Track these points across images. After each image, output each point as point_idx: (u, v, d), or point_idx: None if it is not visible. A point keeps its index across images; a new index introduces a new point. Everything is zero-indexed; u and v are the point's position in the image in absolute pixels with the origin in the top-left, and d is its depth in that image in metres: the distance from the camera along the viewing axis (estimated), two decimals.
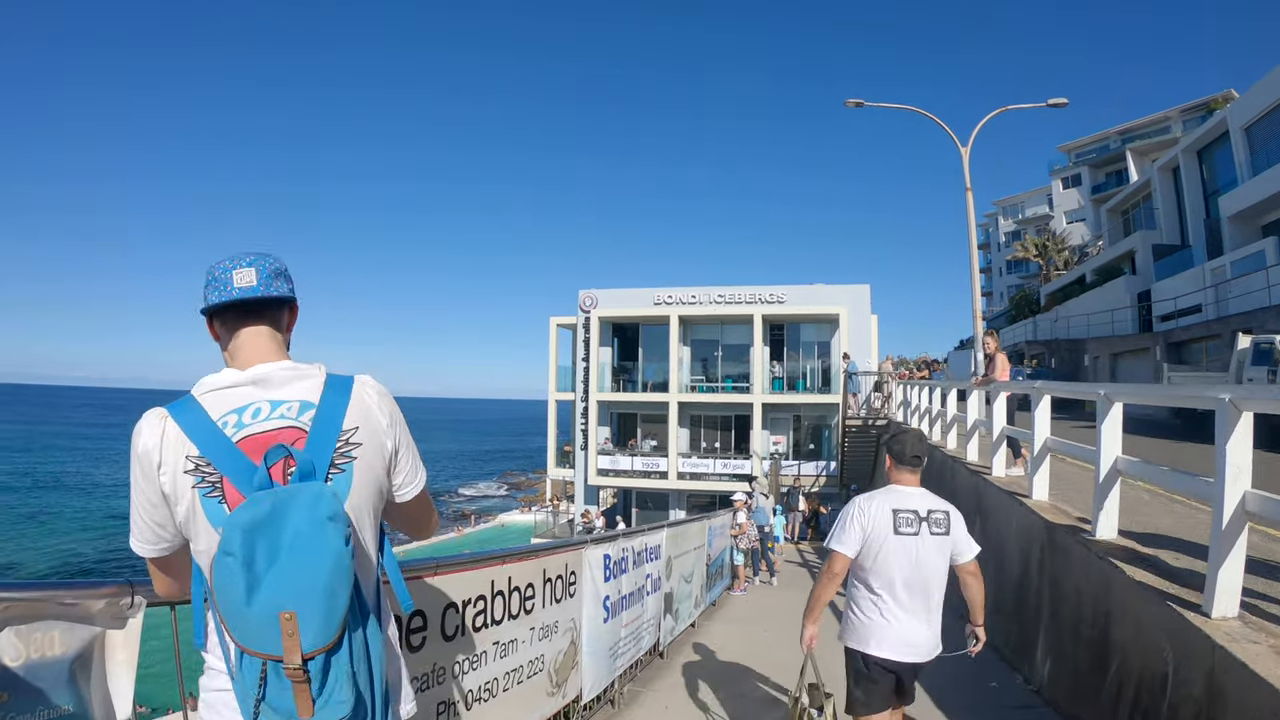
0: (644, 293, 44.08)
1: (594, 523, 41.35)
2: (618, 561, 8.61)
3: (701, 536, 14.42)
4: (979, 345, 24.21)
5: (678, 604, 11.79)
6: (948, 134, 25.30)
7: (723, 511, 18.44)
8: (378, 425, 2.46)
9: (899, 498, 5.21)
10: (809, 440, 42.96)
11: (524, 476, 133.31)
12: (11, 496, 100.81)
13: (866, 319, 41.42)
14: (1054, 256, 68.51)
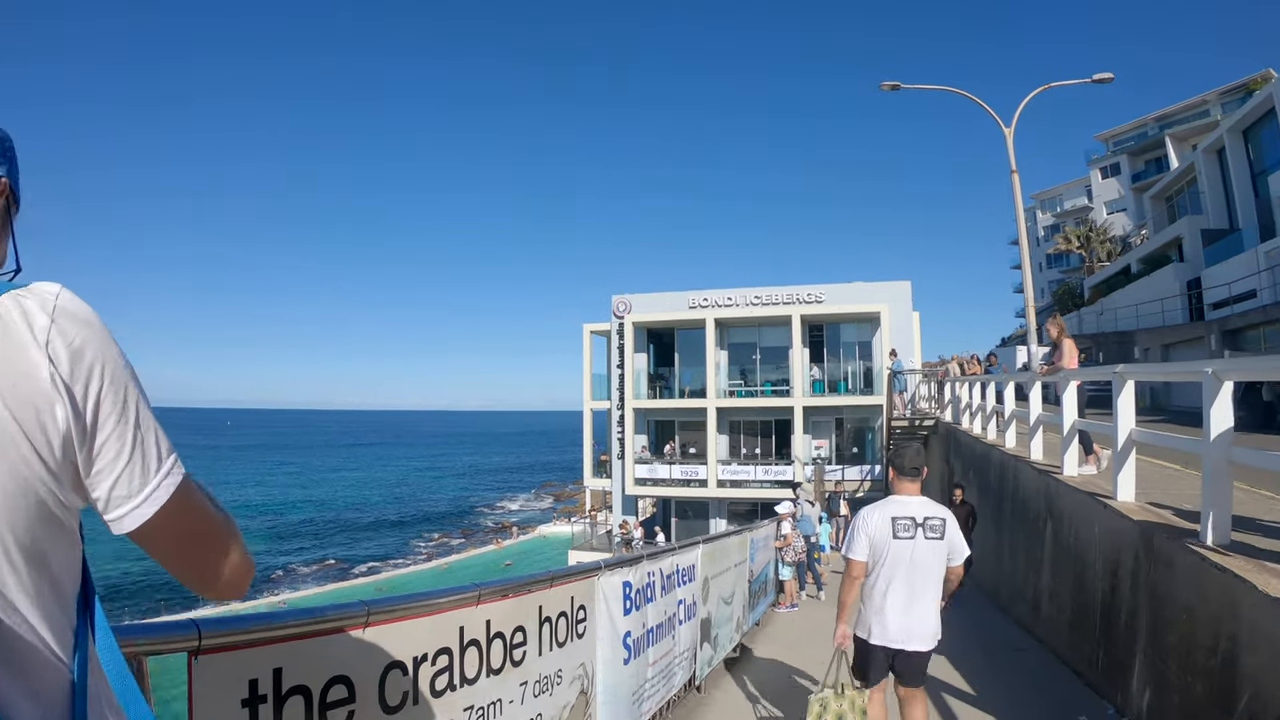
0: (679, 296, 43.03)
1: (632, 533, 40.36)
2: (641, 589, 7.25)
3: (742, 551, 12.87)
4: (1033, 335, 22.91)
5: (716, 630, 10.34)
6: (988, 116, 24.15)
7: (765, 522, 17.02)
8: (25, 371, 1.26)
9: (898, 506, 6.26)
10: (852, 444, 41.65)
11: (564, 488, 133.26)
12: None
13: (908, 316, 40.14)
14: (1096, 248, 67.00)
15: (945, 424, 26.44)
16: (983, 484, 17.29)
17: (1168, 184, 53.09)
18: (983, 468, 17.50)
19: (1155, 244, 49.62)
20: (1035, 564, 12.33)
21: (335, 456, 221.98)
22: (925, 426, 30.11)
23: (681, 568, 8.71)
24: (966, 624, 13.09)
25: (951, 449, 23.46)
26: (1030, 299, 23.70)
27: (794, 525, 17.02)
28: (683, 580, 8.74)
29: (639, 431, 43.50)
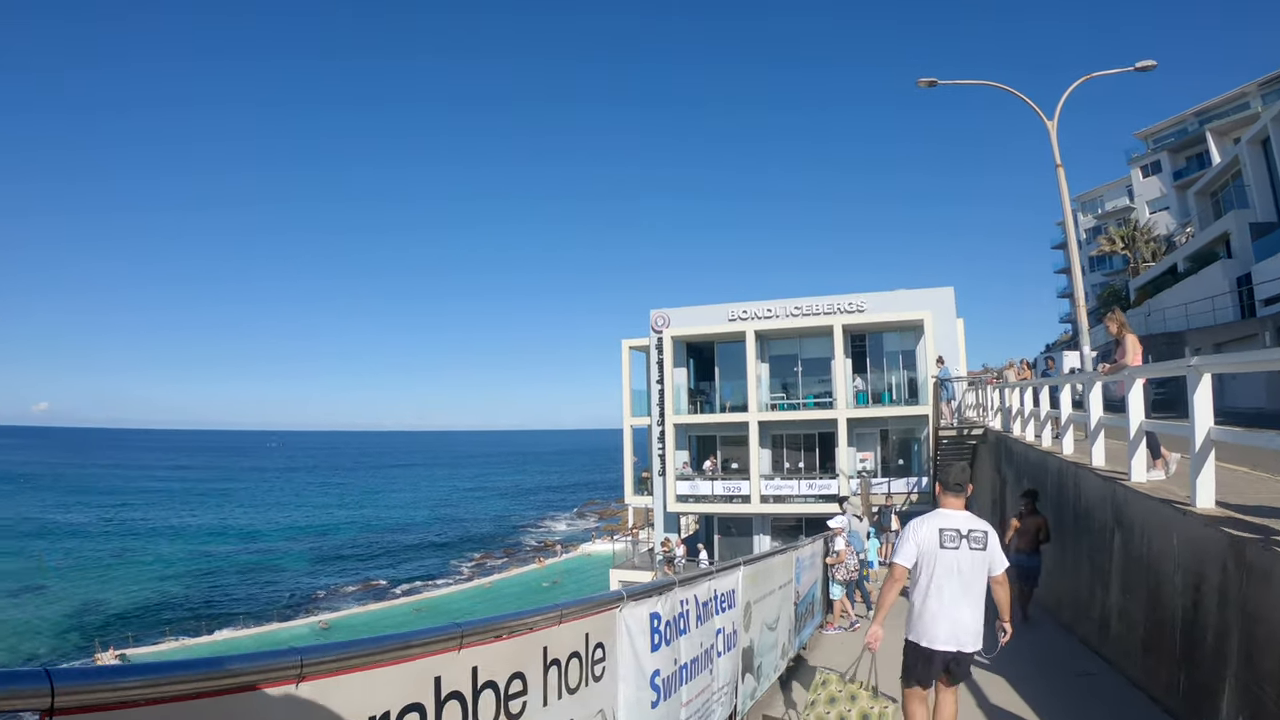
0: (718, 309, 42.32)
1: (674, 551, 39.72)
2: (672, 621, 6.37)
3: (788, 571, 11.85)
4: (1084, 335, 22.07)
5: (759, 658, 9.42)
6: (1028, 114, 23.39)
7: (808, 540, 15.99)
8: None
9: (944, 519, 6.86)
10: (897, 455, 40.69)
11: (606, 505, 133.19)
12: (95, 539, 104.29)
13: (952, 324, 39.15)
14: (1140, 249, 65.70)
15: (995, 432, 25.49)
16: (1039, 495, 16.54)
17: (1211, 179, 52.06)
18: (1038, 476, 16.65)
19: (1201, 241, 48.43)
20: (1101, 578, 11.47)
21: (378, 477, 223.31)
22: (974, 435, 29.15)
23: (720, 593, 7.81)
24: (1027, 645, 12.24)
25: (1003, 458, 22.54)
26: (1080, 298, 22.93)
27: (848, 541, 16.20)
28: (722, 607, 7.84)
29: (680, 447, 42.89)
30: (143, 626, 62.84)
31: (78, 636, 60.32)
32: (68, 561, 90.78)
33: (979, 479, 27.51)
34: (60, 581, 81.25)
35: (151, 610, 70.47)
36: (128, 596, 75.73)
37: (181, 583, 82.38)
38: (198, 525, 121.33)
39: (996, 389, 26.53)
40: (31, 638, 61.59)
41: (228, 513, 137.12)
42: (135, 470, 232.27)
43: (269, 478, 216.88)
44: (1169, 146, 69.58)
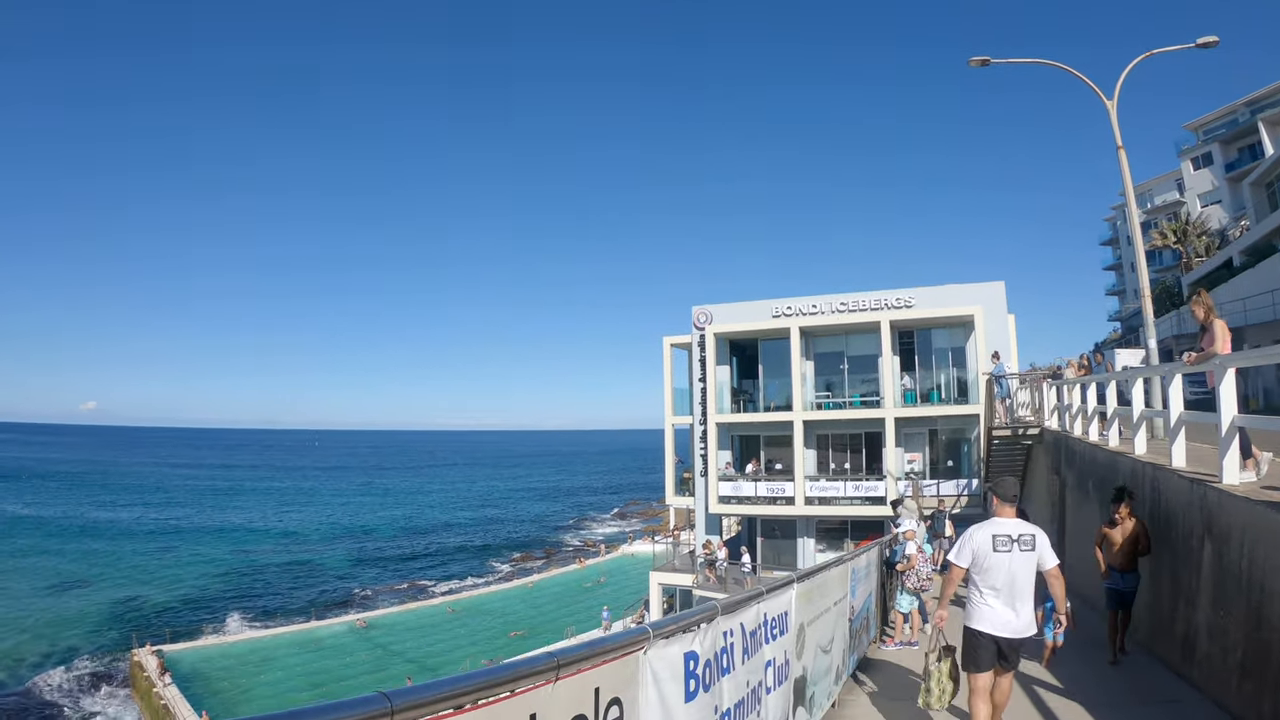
0: (761, 305, 41.36)
1: (715, 553, 38.91)
2: (713, 659, 5.25)
3: (843, 585, 10.78)
4: (1149, 327, 20.94)
5: (812, 687, 8.40)
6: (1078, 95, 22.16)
7: (864, 549, 14.53)
8: None
9: (998, 526, 8.02)
10: (946, 456, 39.44)
11: (647, 506, 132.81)
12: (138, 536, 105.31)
13: (1003, 319, 37.86)
14: (1193, 243, 63.87)
15: (1053, 432, 24.24)
16: (1106, 498, 15.34)
17: (1266, 170, 50.64)
18: (1106, 479, 15.49)
19: (1258, 234, 47.04)
20: (1186, 593, 10.36)
21: (420, 477, 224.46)
22: (1029, 436, 27.95)
23: (771, 617, 6.73)
24: (1102, 668, 11.45)
25: (1062, 459, 21.34)
26: (1145, 286, 21.72)
27: (919, 546, 15.01)
28: (772, 634, 6.77)
29: (722, 447, 41.89)
30: (182, 623, 63.12)
31: (116, 633, 60.58)
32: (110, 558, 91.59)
33: (1035, 482, 26.44)
34: (102, 577, 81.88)
35: (191, 607, 70.88)
36: (168, 593, 76.31)
37: (222, 580, 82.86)
38: (239, 523, 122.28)
39: (1054, 386, 25.26)
40: (72, 632, 62.05)
41: (269, 511, 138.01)
42: (180, 469, 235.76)
43: (311, 476, 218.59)
44: (1220, 138, 67.71)
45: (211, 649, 54.53)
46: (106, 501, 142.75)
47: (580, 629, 51.98)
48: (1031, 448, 27.84)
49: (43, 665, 54.71)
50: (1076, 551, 17.94)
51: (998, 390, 29.02)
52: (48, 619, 65.58)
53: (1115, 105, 21.79)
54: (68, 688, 51.07)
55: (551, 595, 70.54)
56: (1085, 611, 14.34)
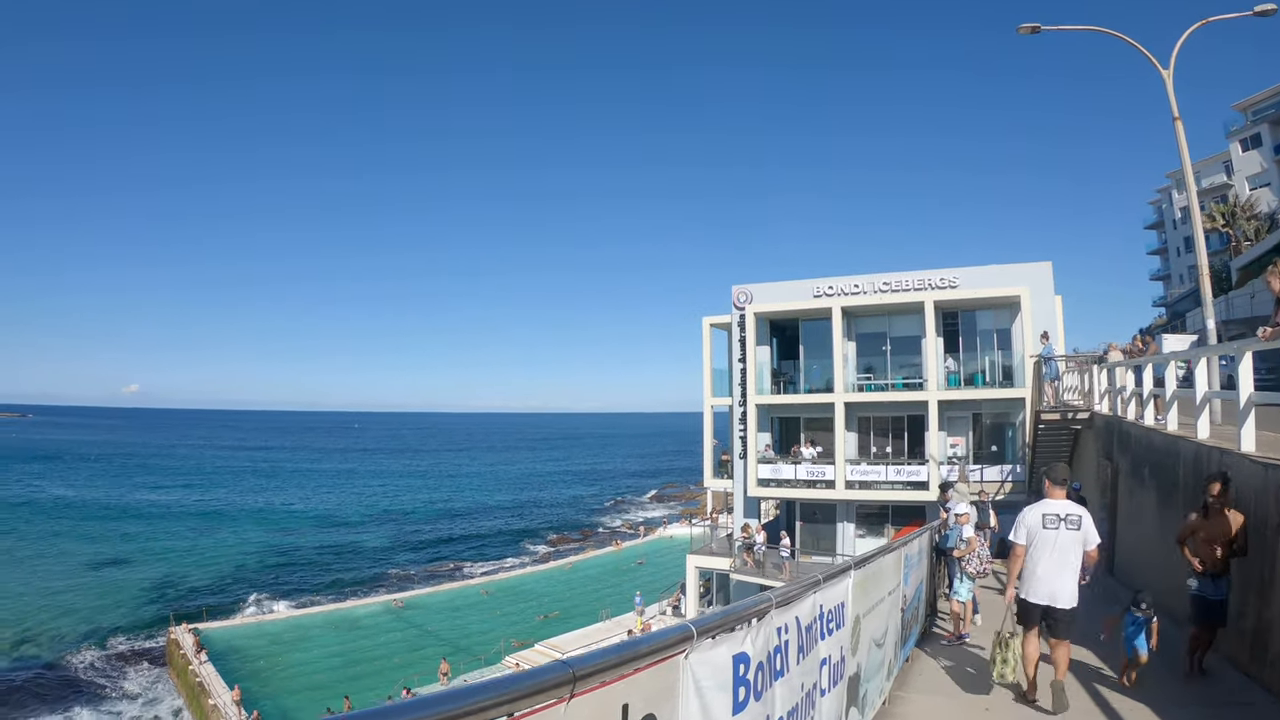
0: (802, 284, 40.54)
1: (754, 537, 38.28)
2: (765, 661, 4.49)
3: (897, 573, 9.88)
4: (1207, 306, 20.13)
5: (865, 685, 7.62)
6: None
7: (916, 534, 13.41)
8: None
9: (1048, 506, 9.15)
10: (990, 441, 38.48)
11: (685, 489, 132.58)
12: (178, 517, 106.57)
13: (1050, 301, 36.63)
14: (1242, 226, 62.26)
15: (1103, 416, 23.37)
16: (1164, 484, 14.54)
17: None
18: (1164, 465, 14.68)
19: None
20: (1259, 587, 9.58)
21: (459, 459, 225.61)
22: (1078, 420, 27.08)
23: (826, 610, 5.92)
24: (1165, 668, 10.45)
25: (1115, 444, 20.45)
26: (1203, 262, 20.97)
27: (976, 531, 14.03)
28: (828, 629, 5.96)
29: (762, 429, 41.22)
30: (219, 602, 63.57)
31: (154, 611, 61.03)
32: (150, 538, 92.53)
33: (1083, 468, 25.59)
34: (141, 557, 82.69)
35: (229, 586, 71.39)
36: (206, 572, 76.96)
37: (259, 560, 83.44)
38: (278, 504, 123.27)
39: (1105, 369, 24.36)
40: (111, 611, 62.57)
41: (308, 492, 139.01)
42: (220, 450, 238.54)
43: (351, 459, 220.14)
44: (1269, 119, 66.02)
45: (248, 627, 54.79)
46: (147, 483, 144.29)
47: (616, 611, 51.70)
48: (1080, 433, 27.00)
49: (82, 643, 55.24)
50: (1130, 541, 17.21)
51: (1046, 372, 28.16)
52: (88, 598, 66.33)
53: (1171, 74, 21.01)
54: (106, 665, 51.50)
55: (588, 577, 70.38)
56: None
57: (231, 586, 70.94)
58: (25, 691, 47.00)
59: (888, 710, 8.96)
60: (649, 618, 48.44)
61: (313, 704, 41.23)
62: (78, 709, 44.64)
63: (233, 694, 41.04)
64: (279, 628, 55.06)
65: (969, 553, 13.42)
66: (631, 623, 47.44)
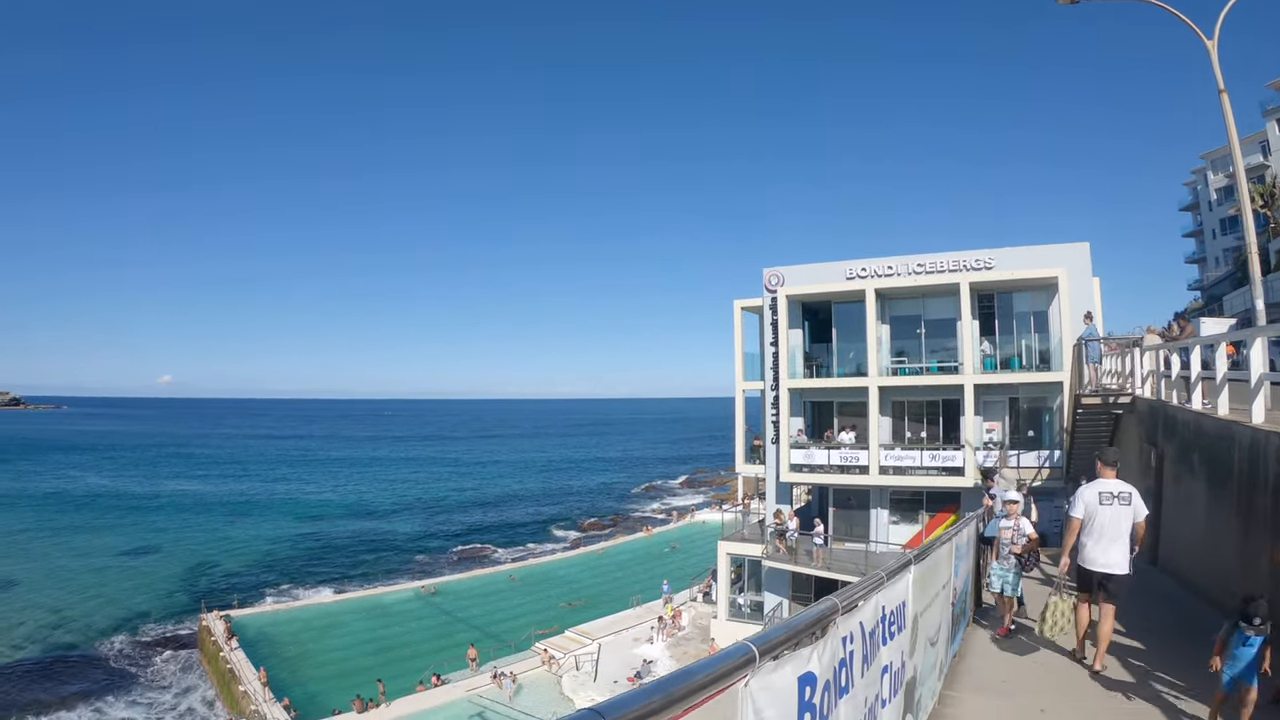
0: (835, 266, 39.77)
1: (786, 524, 37.82)
2: (831, 680, 3.87)
3: (949, 565, 9.42)
4: (1255, 285, 19.43)
5: (920, 688, 7.03)
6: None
7: (963, 522, 12.65)
8: None
9: (1102, 484, 10.24)
10: (1027, 426, 37.71)
11: (715, 474, 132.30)
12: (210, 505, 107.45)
13: (1088, 282, 35.80)
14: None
15: (1146, 400, 22.64)
16: (1216, 471, 13.85)
17: None
18: (1216, 451, 13.94)
19: None
20: None
21: (490, 446, 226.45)
22: (1119, 405, 26.33)
23: (888, 611, 5.33)
24: None
25: (1160, 430, 19.66)
26: (1252, 240, 20.22)
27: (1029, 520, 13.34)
28: (890, 633, 5.36)
29: (794, 413, 40.63)
30: (251, 589, 63.91)
31: (186, 598, 61.46)
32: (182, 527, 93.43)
33: (1125, 454, 24.85)
34: (174, 545, 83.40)
35: (260, 574, 71.82)
36: (238, 560, 77.53)
37: (291, 547, 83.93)
38: (310, 492, 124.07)
39: (1149, 351, 23.60)
40: (143, 598, 63.06)
41: (339, 480, 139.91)
42: (252, 439, 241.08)
43: (382, 446, 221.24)
44: None
45: (279, 614, 54.94)
46: (179, 472, 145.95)
47: (647, 598, 51.47)
48: (1120, 418, 26.25)
49: (115, 629, 55.70)
50: (1177, 530, 16.53)
51: (1088, 354, 27.38)
52: (121, 586, 67.02)
53: (1216, 46, 20.25)
54: (138, 652, 51.84)
55: (619, 563, 70.27)
56: (1182, 594, 14.24)
57: (262, 574, 71.37)
58: (59, 679, 47.39)
59: (939, 712, 8.34)
60: (679, 604, 48.16)
61: (343, 690, 41.23)
62: (110, 697, 44.93)
63: (259, 675, 41.22)
64: (309, 614, 55.24)
65: (1031, 549, 12.95)
66: (661, 610, 47.18)
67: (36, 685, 46.31)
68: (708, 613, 45.75)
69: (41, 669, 48.77)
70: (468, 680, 41.28)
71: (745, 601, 42.36)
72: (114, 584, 67.36)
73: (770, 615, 39.65)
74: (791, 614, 39.50)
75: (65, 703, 43.98)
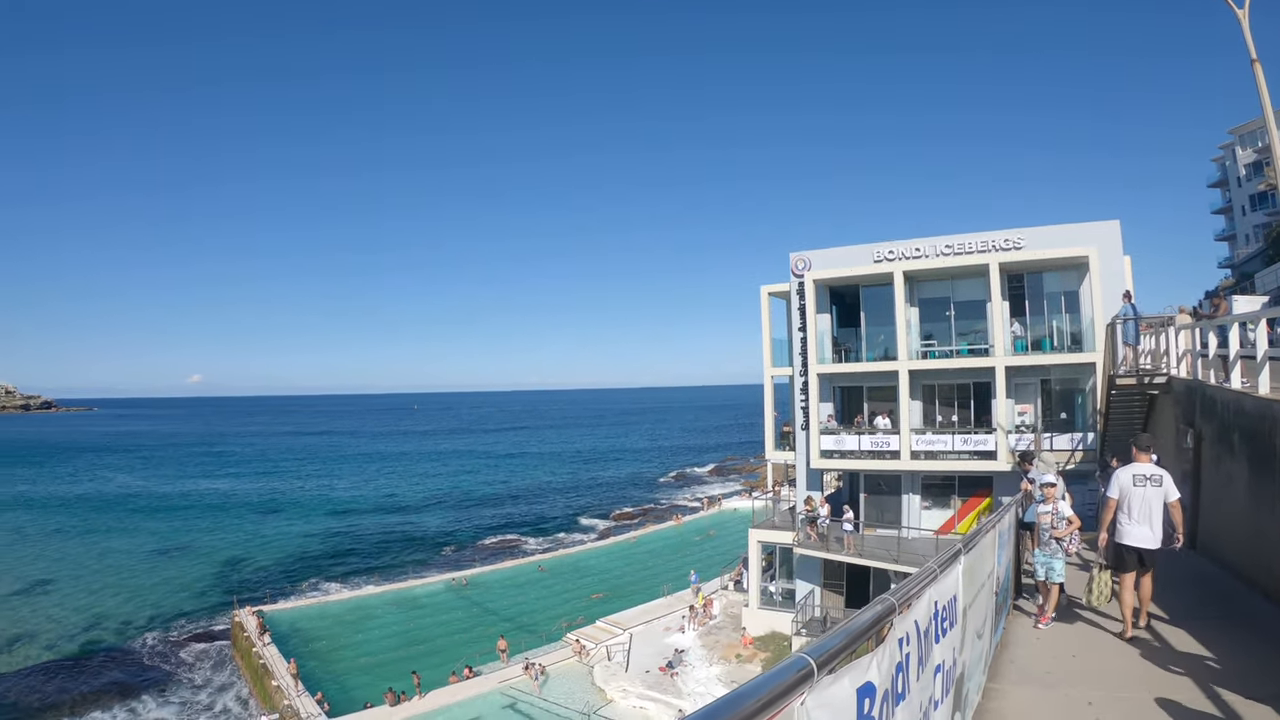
0: (862, 249, 39.19)
1: (817, 510, 37.54)
2: (889, 688, 3.55)
3: (993, 553, 9.09)
4: None
5: (968, 684, 6.63)
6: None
7: (1005, 508, 11.97)
8: None
9: (1137, 467, 11.11)
10: (1060, 408, 37.15)
11: (745, 461, 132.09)
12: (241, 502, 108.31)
13: (1119, 262, 35.03)
14: None
15: (1182, 381, 22.11)
16: (1258, 452, 13.51)
17: None
18: (1259, 431, 13.61)
19: None
20: None
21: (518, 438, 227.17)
22: (1154, 385, 25.80)
23: (941, 606, 4.97)
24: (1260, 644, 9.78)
25: (1198, 411, 19.15)
26: None
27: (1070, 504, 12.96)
28: (943, 629, 5.01)
29: (824, 399, 40.13)
30: (282, 584, 64.26)
31: (218, 594, 61.91)
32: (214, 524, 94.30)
33: (1160, 435, 24.36)
34: (206, 542, 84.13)
35: (292, 569, 72.25)
36: (270, 556, 78.06)
37: (322, 542, 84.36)
38: (340, 487, 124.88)
39: (1181, 330, 23.09)
40: (177, 595, 63.57)
41: (369, 475, 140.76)
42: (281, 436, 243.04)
43: (410, 440, 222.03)
44: None
45: (310, 608, 55.14)
46: (210, 470, 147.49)
47: (677, 587, 51.32)
48: (1155, 398, 25.77)
49: (149, 626, 56.21)
50: (1217, 513, 16.12)
51: (1125, 335, 26.81)
52: (154, 582, 67.75)
53: (1246, 14, 19.75)
54: (172, 648, 52.24)
55: (650, 552, 70.20)
56: (1223, 577, 14.10)
57: (294, 569, 71.81)
58: (94, 676, 47.88)
59: (984, 707, 7.94)
60: (710, 593, 47.96)
61: (375, 682, 41.36)
62: (145, 696, 45.27)
63: (289, 666, 41.39)
64: (341, 608, 55.44)
65: (1070, 533, 12.44)
66: (692, 599, 47.00)
67: (72, 683, 46.71)
68: (739, 601, 45.57)
69: (77, 667, 49.21)
70: (499, 672, 41.28)
71: (777, 589, 42.15)
72: (147, 582, 68.06)
73: (801, 603, 39.41)
74: (824, 601, 39.36)
75: (100, 701, 44.31)
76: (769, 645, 39.88)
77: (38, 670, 48.76)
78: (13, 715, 42.77)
